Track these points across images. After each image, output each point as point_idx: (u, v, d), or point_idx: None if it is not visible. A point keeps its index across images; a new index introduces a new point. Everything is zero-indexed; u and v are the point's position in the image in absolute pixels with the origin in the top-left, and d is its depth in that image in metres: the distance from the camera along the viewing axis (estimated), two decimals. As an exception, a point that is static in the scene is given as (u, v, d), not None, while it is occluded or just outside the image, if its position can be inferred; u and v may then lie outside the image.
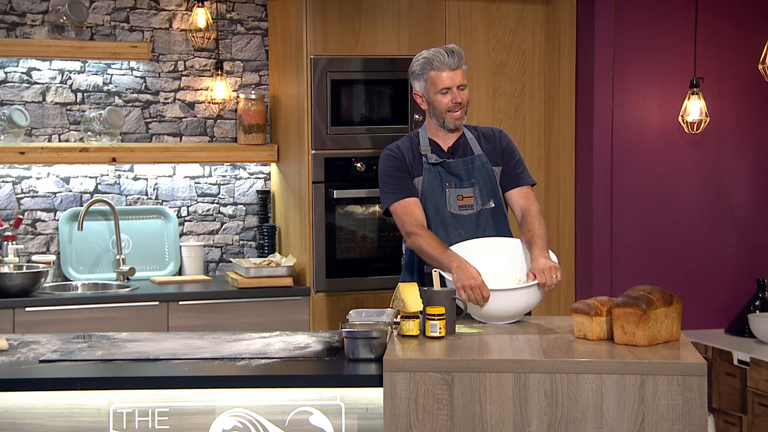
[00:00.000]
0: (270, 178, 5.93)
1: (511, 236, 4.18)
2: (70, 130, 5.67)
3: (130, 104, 5.74)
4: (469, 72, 5.54)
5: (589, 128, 5.71)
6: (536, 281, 3.82)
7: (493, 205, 4.17)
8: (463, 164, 4.16)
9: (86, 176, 5.68)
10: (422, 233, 4.00)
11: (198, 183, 5.85)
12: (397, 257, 5.55)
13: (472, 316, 3.86)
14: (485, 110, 5.61)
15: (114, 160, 5.49)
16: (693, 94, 5.59)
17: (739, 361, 5.34)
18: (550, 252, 3.96)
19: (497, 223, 4.17)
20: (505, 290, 3.81)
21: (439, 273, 3.78)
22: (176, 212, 5.80)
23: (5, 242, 5.36)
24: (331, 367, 3.43)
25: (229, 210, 5.90)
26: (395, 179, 4.13)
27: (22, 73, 5.59)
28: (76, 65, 5.64)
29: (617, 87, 5.76)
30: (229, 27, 5.86)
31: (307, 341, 3.76)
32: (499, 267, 3.97)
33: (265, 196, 5.85)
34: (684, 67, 5.76)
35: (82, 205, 5.62)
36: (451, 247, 3.95)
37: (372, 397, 3.36)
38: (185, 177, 5.83)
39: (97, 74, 5.69)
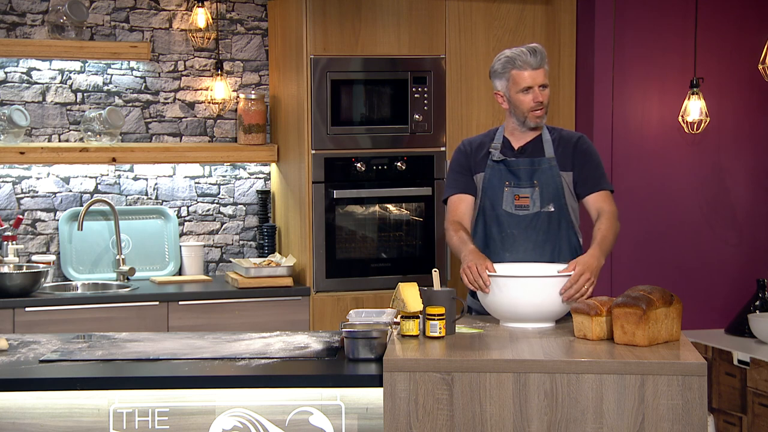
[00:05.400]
0: (270, 178, 5.93)
1: (567, 241, 4.15)
2: (70, 130, 5.67)
3: (130, 104, 5.75)
4: (468, 72, 5.57)
5: (589, 128, 5.70)
6: (535, 275, 3.80)
7: (552, 210, 4.15)
8: (527, 164, 4.16)
9: (86, 176, 5.68)
10: (452, 228, 4.11)
11: (198, 183, 5.85)
12: (397, 257, 5.56)
13: (488, 311, 3.87)
14: (485, 110, 5.61)
15: (114, 160, 5.49)
16: (693, 94, 5.59)
17: (739, 361, 5.34)
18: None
19: (552, 228, 4.15)
20: (501, 276, 3.78)
21: (439, 273, 3.78)
22: (176, 212, 5.80)
23: (5, 242, 5.36)
24: (331, 367, 3.43)
25: (229, 210, 5.90)
26: (455, 173, 4.25)
27: (22, 73, 5.59)
28: (76, 65, 5.64)
29: (617, 87, 5.76)
30: (229, 27, 5.86)
31: (307, 341, 3.76)
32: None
33: (265, 196, 5.85)
34: (684, 67, 5.76)
35: (82, 205, 5.62)
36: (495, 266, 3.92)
37: (372, 397, 3.36)
38: (185, 177, 5.83)
39: (97, 74, 5.69)
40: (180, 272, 5.74)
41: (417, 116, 5.50)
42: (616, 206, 4.16)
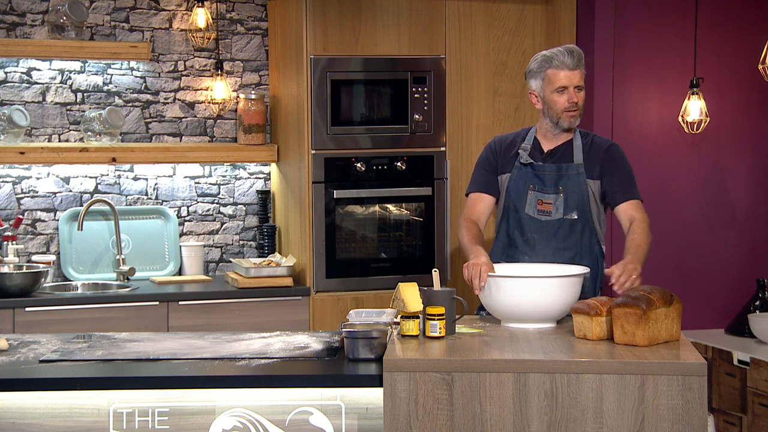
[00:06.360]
0: (270, 178, 5.93)
1: (589, 250, 4.16)
2: (70, 130, 5.67)
3: (130, 104, 5.75)
4: (468, 72, 5.57)
5: (589, 128, 5.69)
6: (535, 276, 3.80)
7: (576, 217, 4.14)
8: (554, 170, 4.16)
9: (86, 176, 5.68)
10: (465, 225, 4.16)
11: (198, 183, 5.85)
12: (397, 257, 5.56)
13: (489, 312, 3.87)
14: (485, 110, 5.61)
15: (114, 160, 5.49)
16: (693, 94, 5.59)
17: (739, 361, 5.34)
18: None
19: (574, 236, 4.15)
20: (501, 276, 3.78)
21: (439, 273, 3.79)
22: (176, 212, 5.80)
23: (5, 242, 5.36)
24: (331, 367, 3.43)
25: (229, 210, 5.90)
26: (481, 169, 4.29)
27: (22, 73, 5.59)
28: (76, 65, 5.64)
29: (617, 87, 5.76)
30: (229, 27, 5.86)
31: (307, 341, 3.76)
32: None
33: (265, 196, 5.85)
34: (684, 67, 5.76)
35: (82, 205, 5.62)
36: (496, 266, 3.92)
37: (372, 397, 3.36)
38: (185, 177, 5.83)
39: (97, 74, 5.69)
40: (180, 272, 5.74)
41: (417, 116, 5.50)
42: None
